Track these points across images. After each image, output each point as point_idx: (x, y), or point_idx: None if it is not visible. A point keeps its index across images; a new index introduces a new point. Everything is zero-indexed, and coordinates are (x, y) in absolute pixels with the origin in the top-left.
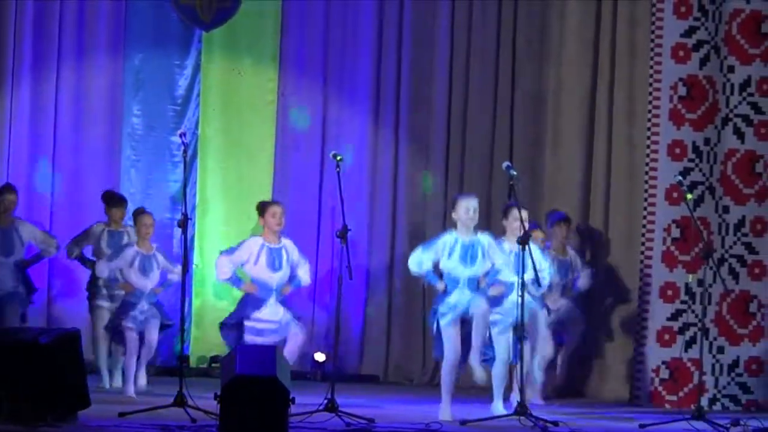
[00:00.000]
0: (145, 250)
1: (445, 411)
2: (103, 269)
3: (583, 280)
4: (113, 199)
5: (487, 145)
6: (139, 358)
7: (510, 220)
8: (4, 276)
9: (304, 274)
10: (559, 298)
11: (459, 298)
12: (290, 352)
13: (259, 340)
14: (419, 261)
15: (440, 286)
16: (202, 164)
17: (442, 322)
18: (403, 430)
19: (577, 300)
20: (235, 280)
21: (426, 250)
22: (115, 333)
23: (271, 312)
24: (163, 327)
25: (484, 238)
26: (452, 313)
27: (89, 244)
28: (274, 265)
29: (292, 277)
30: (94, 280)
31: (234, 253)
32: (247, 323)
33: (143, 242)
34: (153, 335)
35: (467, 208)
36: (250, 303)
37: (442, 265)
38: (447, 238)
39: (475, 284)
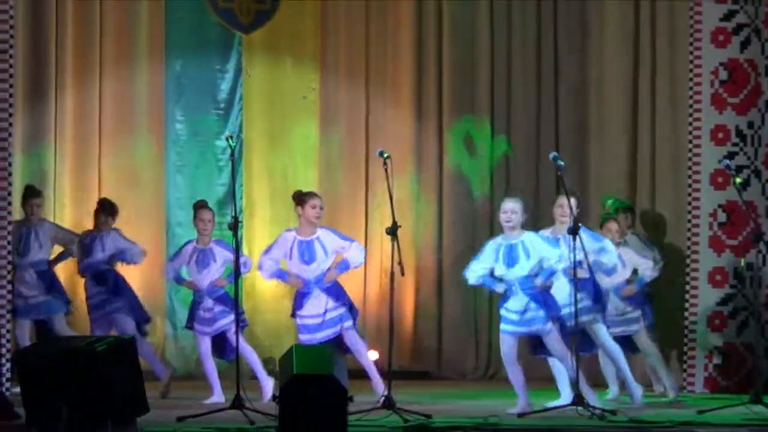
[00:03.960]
0: (203, 244)
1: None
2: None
3: (645, 272)
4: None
5: (532, 139)
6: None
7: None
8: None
9: (354, 256)
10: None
11: (516, 305)
12: (354, 345)
13: (306, 337)
14: (472, 271)
15: (499, 288)
16: (248, 167)
17: (501, 326)
18: (462, 425)
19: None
20: (281, 274)
21: (476, 261)
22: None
23: (314, 305)
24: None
25: (528, 237)
26: (512, 326)
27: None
28: (304, 257)
29: (343, 264)
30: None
31: (271, 251)
32: (297, 321)
33: (201, 238)
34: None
35: (503, 210)
36: (295, 300)
37: (495, 271)
38: (492, 244)
39: (530, 285)
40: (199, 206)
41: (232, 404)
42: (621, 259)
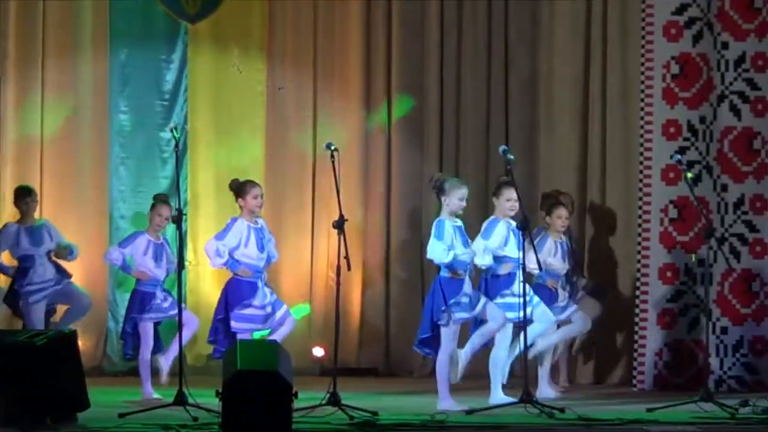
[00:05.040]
0: (155, 238)
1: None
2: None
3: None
4: None
5: (482, 131)
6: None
7: (501, 199)
8: None
9: (274, 249)
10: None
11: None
12: (281, 337)
13: (250, 326)
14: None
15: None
16: (193, 159)
17: (456, 315)
18: (408, 422)
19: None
20: (232, 264)
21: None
22: (132, 330)
23: (262, 296)
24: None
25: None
26: (467, 314)
27: None
28: (259, 245)
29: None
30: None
31: (225, 237)
32: (239, 311)
33: (154, 232)
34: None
35: (461, 197)
36: (243, 290)
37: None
38: (449, 226)
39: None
40: (160, 201)
41: (175, 400)
42: (563, 249)
